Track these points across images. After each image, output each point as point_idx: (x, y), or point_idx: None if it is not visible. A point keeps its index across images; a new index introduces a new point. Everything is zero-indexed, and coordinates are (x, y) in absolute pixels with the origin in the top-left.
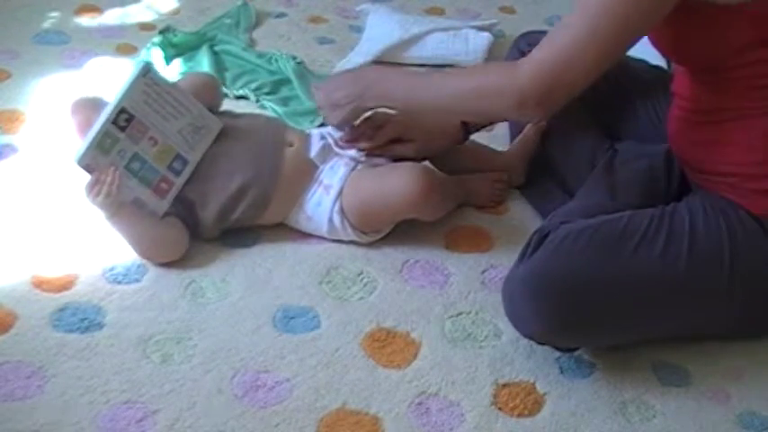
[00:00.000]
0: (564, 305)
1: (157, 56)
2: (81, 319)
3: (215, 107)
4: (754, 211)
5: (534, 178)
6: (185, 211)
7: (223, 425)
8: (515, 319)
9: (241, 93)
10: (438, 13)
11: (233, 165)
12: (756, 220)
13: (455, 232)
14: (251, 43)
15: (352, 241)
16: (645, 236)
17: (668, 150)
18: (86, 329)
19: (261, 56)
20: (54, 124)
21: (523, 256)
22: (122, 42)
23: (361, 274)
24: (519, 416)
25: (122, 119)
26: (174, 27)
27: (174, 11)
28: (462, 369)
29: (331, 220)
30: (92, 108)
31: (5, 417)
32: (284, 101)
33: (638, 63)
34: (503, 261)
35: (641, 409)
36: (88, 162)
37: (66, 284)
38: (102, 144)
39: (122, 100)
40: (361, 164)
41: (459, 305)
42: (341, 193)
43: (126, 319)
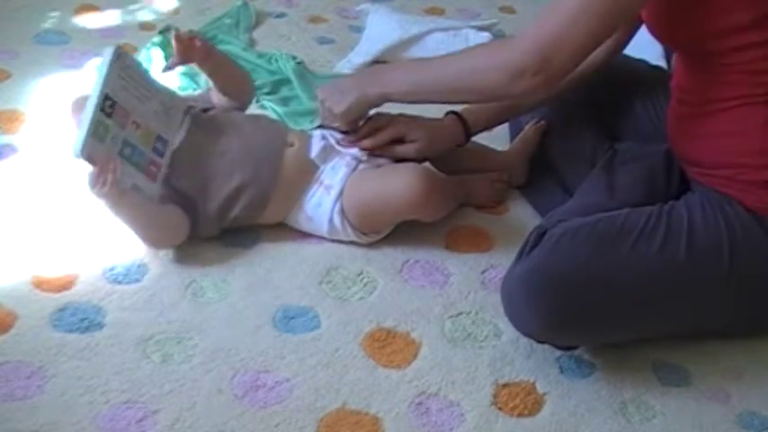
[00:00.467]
0: (562, 303)
1: (157, 56)
2: (81, 319)
3: (246, 103)
4: (752, 204)
5: (534, 178)
6: (187, 206)
7: (223, 425)
8: (514, 317)
9: None
10: (438, 13)
11: (232, 164)
12: (755, 216)
13: (455, 232)
14: (251, 43)
15: (352, 241)
16: (643, 232)
17: (668, 151)
18: (86, 329)
19: (261, 56)
20: (54, 124)
21: (521, 254)
22: (122, 42)
23: (361, 274)
24: (519, 416)
25: (107, 105)
26: (174, 27)
27: (174, 11)
28: (462, 369)
29: (331, 220)
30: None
31: (5, 417)
32: (284, 101)
33: (638, 63)
34: (503, 261)
35: (641, 409)
36: (89, 152)
37: (66, 284)
38: (97, 132)
39: (105, 86)
40: (363, 164)
41: (459, 305)
42: (341, 193)
43: (126, 319)
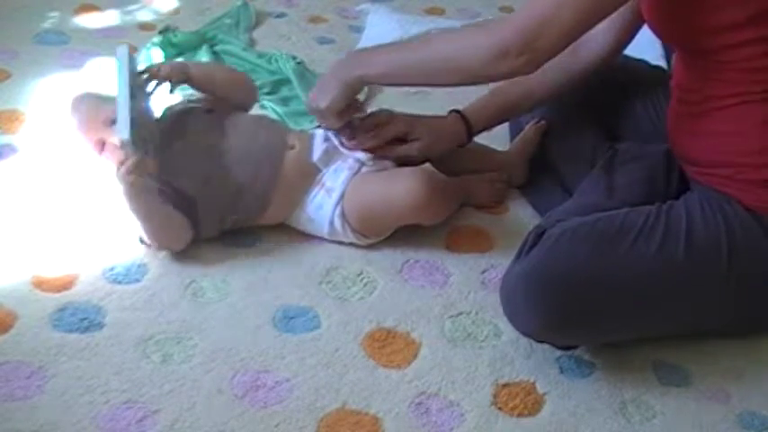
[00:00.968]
0: (561, 302)
1: (157, 56)
2: (81, 319)
3: (248, 105)
4: (751, 203)
5: (534, 178)
6: (187, 208)
7: (223, 425)
8: (513, 316)
9: None
10: (438, 13)
11: (232, 165)
12: (754, 215)
13: (455, 232)
14: (251, 43)
15: (352, 242)
16: (642, 232)
17: (668, 151)
18: (86, 329)
19: (261, 56)
20: (54, 124)
21: (520, 253)
22: (122, 42)
23: (361, 274)
24: (519, 416)
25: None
26: (174, 27)
27: (174, 11)
28: (462, 369)
29: (332, 223)
30: (93, 104)
31: (5, 417)
32: (284, 101)
33: (638, 63)
34: (503, 261)
35: (641, 409)
36: (134, 138)
37: (66, 284)
38: (133, 120)
39: (129, 78)
40: (365, 167)
41: (459, 305)
42: (343, 196)
43: (126, 319)
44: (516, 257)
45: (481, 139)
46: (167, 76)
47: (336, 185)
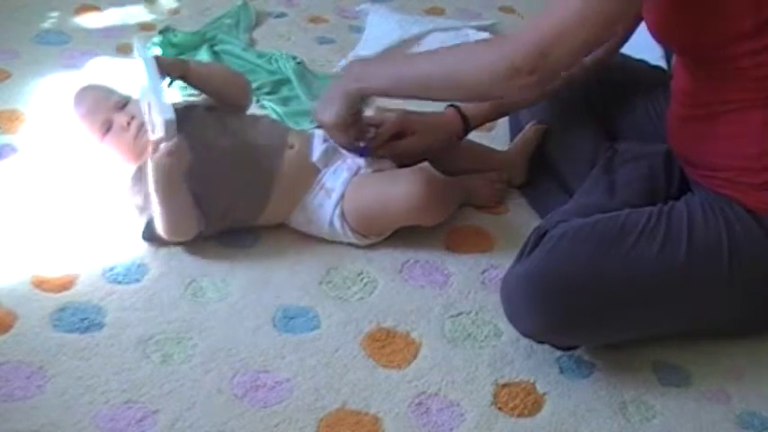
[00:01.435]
0: (562, 303)
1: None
2: (81, 319)
3: (244, 107)
4: (752, 205)
5: (534, 178)
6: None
7: (223, 425)
8: (514, 317)
9: None
10: (438, 13)
11: (231, 164)
12: (755, 216)
13: (455, 232)
14: (251, 43)
15: (352, 243)
16: (643, 233)
17: (668, 151)
18: (86, 329)
19: (261, 56)
20: (54, 124)
21: (521, 254)
22: (122, 42)
23: (361, 274)
24: (519, 416)
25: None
26: (174, 27)
27: (174, 11)
28: (462, 369)
29: (332, 223)
30: (102, 90)
31: (5, 417)
32: (284, 101)
33: (637, 63)
34: (503, 261)
35: (641, 409)
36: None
37: (66, 284)
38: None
39: (156, 67)
40: (365, 168)
41: (459, 305)
42: (342, 197)
43: (126, 319)
44: (517, 258)
45: (481, 139)
46: (167, 69)
47: (336, 186)
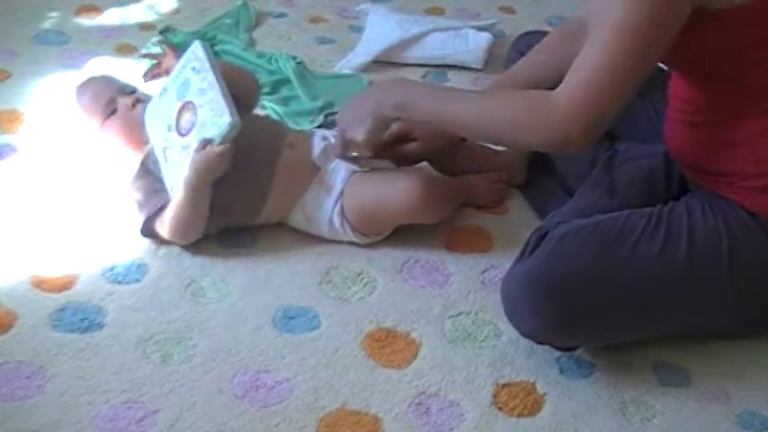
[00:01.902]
0: (562, 304)
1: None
2: (81, 319)
3: (251, 106)
4: (752, 208)
5: (534, 178)
6: None
7: (223, 425)
8: (514, 318)
9: None
10: (438, 13)
11: (232, 161)
12: (755, 218)
13: (455, 232)
14: (251, 43)
15: (352, 241)
16: (643, 234)
17: (667, 151)
18: (86, 329)
19: (261, 56)
20: (54, 124)
21: (522, 255)
22: (122, 42)
23: (361, 274)
24: (519, 416)
25: None
26: (174, 27)
27: (174, 11)
28: (462, 369)
29: (331, 221)
30: (108, 78)
31: (5, 417)
32: (284, 101)
33: None
34: (503, 261)
35: (641, 409)
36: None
37: (66, 284)
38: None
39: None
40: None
41: (459, 305)
42: (342, 194)
43: (126, 319)
44: (518, 259)
45: None
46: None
47: (335, 184)
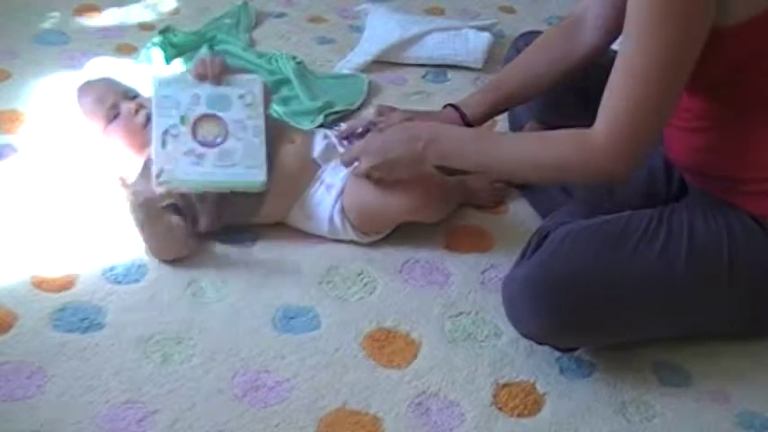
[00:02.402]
0: (563, 305)
1: (157, 56)
2: (81, 319)
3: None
4: (753, 211)
5: None
6: (183, 201)
7: (223, 425)
8: (515, 319)
9: None
10: (438, 13)
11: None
12: (755, 220)
13: (455, 232)
14: (251, 43)
15: (352, 241)
16: (644, 236)
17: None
18: (86, 329)
19: (261, 56)
20: (54, 124)
21: (523, 256)
22: (122, 42)
23: (361, 274)
24: (519, 416)
25: None
26: (174, 27)
27: (174, 11)
28: (462, 369)
29: (332, 219)
30: (111, 81)
31: (5, 417)
32: (284, 101)
33: None
34: (503, 261)
35: (641, 409)
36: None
37: (66, 284)
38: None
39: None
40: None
41: (459, 305)
42: (342, 192)
43: (126, 319)
44: (519, 260)
45: None
46: (219, 71)
47: (336, 182)
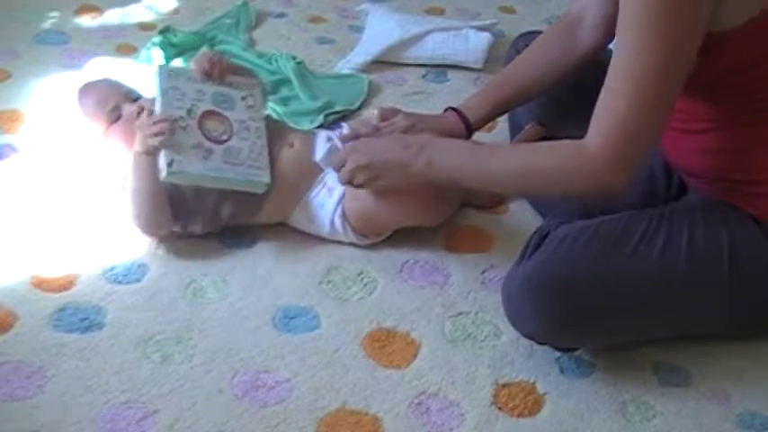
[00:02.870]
0: (563, 305)
1: (157, 56)
2: (81, 319)
3: None
4: (753, 212)
5: None
6: (179, 198)
7: (223, 425)
8: (515, 319)
9: None
10: (438, 13)
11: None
12: (755, 220)
13: (455, 232)
14: (251, 43)
15: (352, 242)
16: (644, 236)
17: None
18: (86, 329)
19: (261, 56)
20: (54, 124)
21: (523, 256)
22: (122, 42)
23: (361, 274)
24: (519, 416)
25: None
26: (174, 27)
27: (174, 11)
28: (462, 369)
29: (333, 222)
30: (113, 83)
31: (5, 417)
32: (284, 101)
33: None
34: (503, 261)
35: (641, 409)
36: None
37: (66, 284)
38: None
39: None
40: None
41: (460, 305)
42: (344, 196)
43: (126, 319)
44: (519, 260)
45: (481, 139)
46: (229, 71)
47: (338, 185)
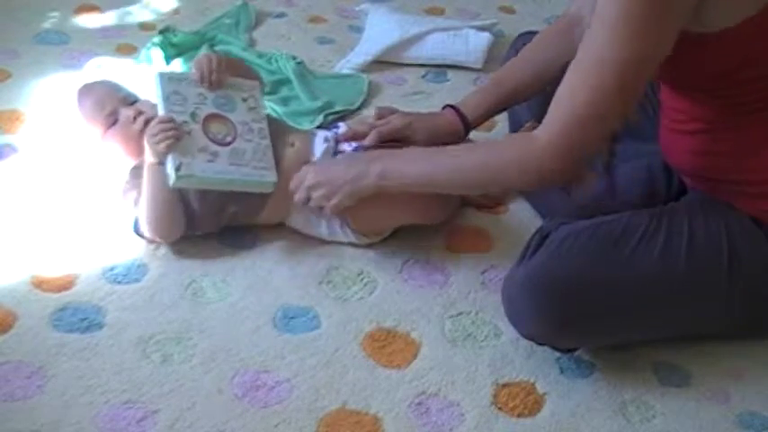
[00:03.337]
0: (564, 306)
1: (157, 56)
2: (81, 319)
3: None
4: (753, 213)
5: None
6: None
7: (223, 425)
8: (515, 319)
9: None
10: (438, 13)
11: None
12: (755, 221)
13: (455, 232)
14: (251, 43)
15: (351, 242)
16: (644, 236)
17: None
18: (86, 329)
19: (261, 56)
20: (54, 124)
21: (523, 257)
22: (122, 42)
23: (361, 274)
24: (519, 416)
25: None
26: (174, 27)
27: (174, 11)
28: (462, 369)
29: (331, 222)
30: (111, 85)
31: (5, 417)
32: (284, 101)
33: None
34: (503, 261)
35: (641, 409)
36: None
37: (66, 284)
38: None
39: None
40: None
41: (459, 305)
42: None
43: (126, 319)
44: (519, 260)
45: (481, 137)
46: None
47: None
